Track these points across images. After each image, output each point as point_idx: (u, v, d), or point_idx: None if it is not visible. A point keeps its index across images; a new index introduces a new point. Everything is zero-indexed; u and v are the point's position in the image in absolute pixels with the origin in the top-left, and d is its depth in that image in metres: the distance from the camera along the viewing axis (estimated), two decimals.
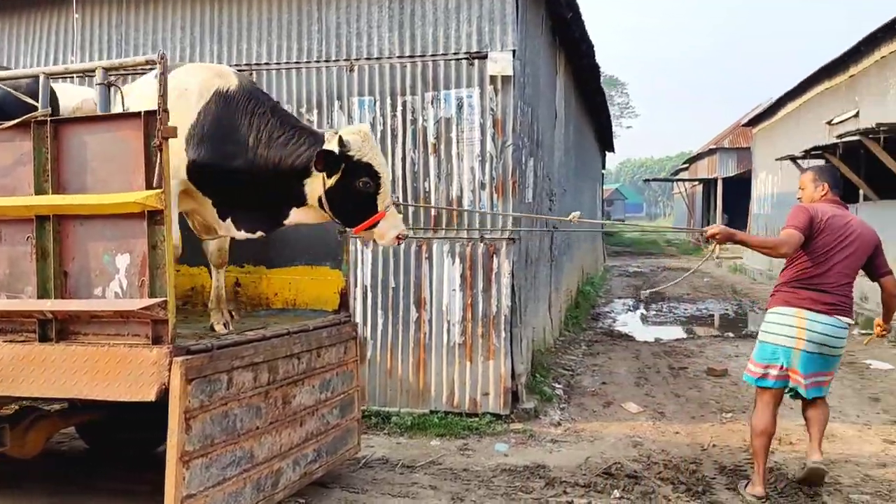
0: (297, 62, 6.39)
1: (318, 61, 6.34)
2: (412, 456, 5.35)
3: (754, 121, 22.59)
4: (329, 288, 5.06)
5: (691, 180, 37.62)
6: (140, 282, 3.30)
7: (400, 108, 6.17)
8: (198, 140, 3.87)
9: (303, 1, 6.36)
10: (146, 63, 3.35)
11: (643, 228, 26.89)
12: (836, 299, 4.47)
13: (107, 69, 3.46)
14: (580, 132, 13.40)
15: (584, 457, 5.32)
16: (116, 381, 3.30)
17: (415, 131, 6.15)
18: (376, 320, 6.27)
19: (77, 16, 6.87)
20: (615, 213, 72.03)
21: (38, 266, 3.49)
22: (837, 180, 4.80)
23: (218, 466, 3.47)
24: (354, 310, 6.27)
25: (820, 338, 4.46)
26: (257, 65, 6.43)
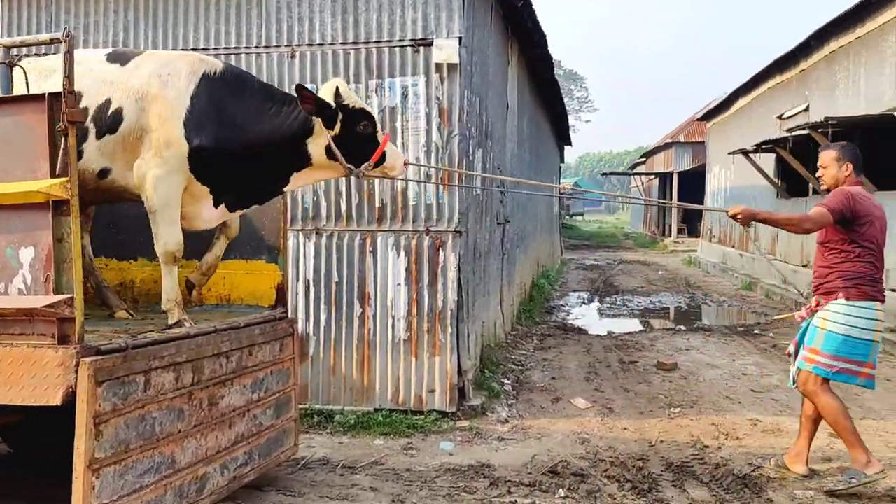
0: (237, 48, 6.13)
1: (257, 47, 6.10)
2: (354, 456, 5.18)
3: (708, 115, 22.83)
4: (265, 282, 4.85)
5: (648, 174, 37.99)
6: (45, 277, 3.06)
7: None
8: (195, 126, 3.81)
9: None
10: (50, 41, 3.09)
11: (663, 204, 25.87)
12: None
13: (7, 47, 3.19)
14: (536, 124, 13.31)
15: (530, 455, 5.21)
16: (19, 384, 3.05)
17: None
18: (319, 316, 6.06)
19: None
20: (574, 207, 72.38)
21: None
22: (860, 159, 4.65)
23: (134, 473, 3.25)
24: (296, 305, 6.07)
25: (883, 326, 4.54)
26: (195, 50, 6.13)
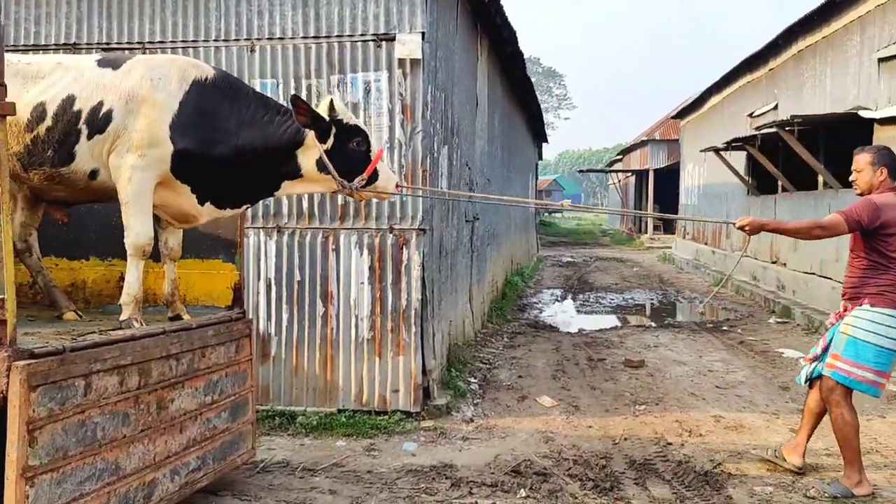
0: (194, 41, 6.00)
1: (216, 40, 5.97)
2: (315, 458, 5.09)
3: (682, 113, 22.94)
4: (221, 282, 4.75)
5: (624, 171, 38.15)
6: None
7: (304, 92, 5.85)
8: (181, 129, 3.80)
9: None
10: None
11: (674, 217, 24.26)
12: None
13: None
14: (508, 121, 13.27)
15: (493, 454, 5.15)
16: None
17: None
18: (281, 315, 5.96)
19: None
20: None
21: None
22: (894, 164, 4.48)
23: (73, 481, 3.14)
24: (257, 304, 5.97)
25: None
26: (150, 43, 6.01)
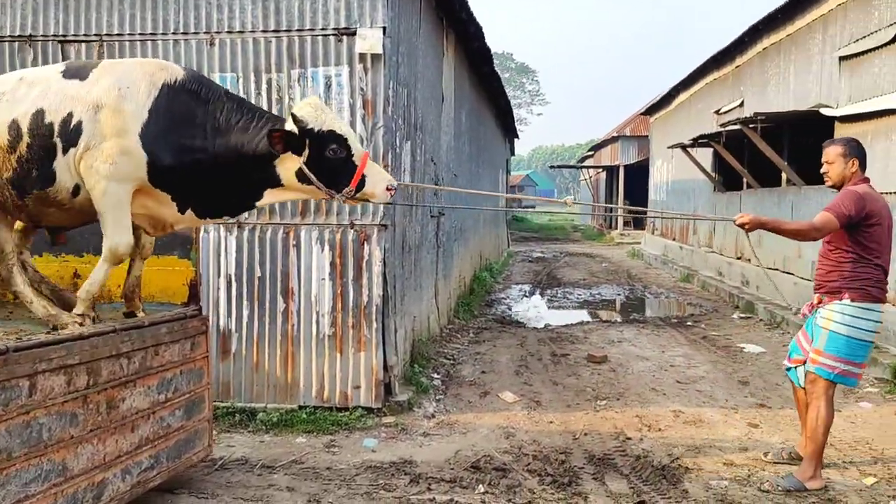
0: (153, 34, 5.91)
1: (175, 33, 5.88)
2: (274, 455, 5.06)
3: (651, 110, 23.15)
4: (177, 279, 4.72)
5: (595, 167, 38.40)
6: None
7: (265, 87, 5.80)
8: (153, 139, 3.70)
9: None
10: None
11: (673, 216, 22.55)
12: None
13: None
14: (477, 117, 13.27)
15: (454, 450, 5.16)
16: None
17: (281, 111, 5.78)
18: (241, 311, 5.90)
19: None
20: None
21: None
22: (865, 155, 4.59)
23: (18, 482, 3.08)
24: (217, 300, 5.91)
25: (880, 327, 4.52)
26: (108, 35, 5.91)
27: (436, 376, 6.94)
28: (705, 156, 15.78)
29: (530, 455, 5.07)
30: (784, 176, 11.53)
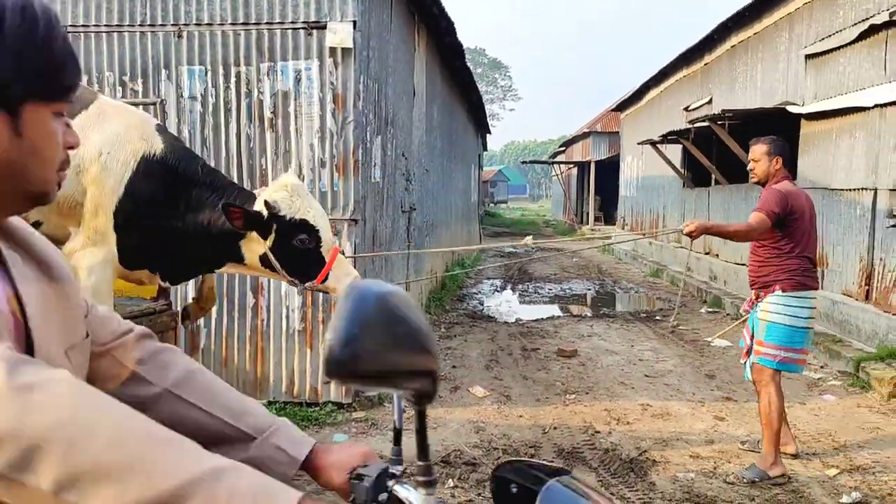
0: (119, 25, 5.81)
1: (142, 25, 5.79)
2: None
3: (622, 106, 23.31)
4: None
5: (567, 163, 38.62)
6: None
7: (234, 80, 5.74)
8: (125, 218, 3.61)
9: None
10: None
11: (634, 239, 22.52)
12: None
13: None
14: (449, 112, 13.27)
15: None
16: None
17: (250, 105, 5.75)
18: None
19: None
20: (498, 194, 73.39)
21: None
22: (787, 152, 4.82)
23: None
24: (187, 296, 5.83)
25: (816, 313, 4.74)
26: (73, 27, 5.79)
27: None
28: (675, 152, 15.96)
29: (500, 449, 5.10)
30: None
